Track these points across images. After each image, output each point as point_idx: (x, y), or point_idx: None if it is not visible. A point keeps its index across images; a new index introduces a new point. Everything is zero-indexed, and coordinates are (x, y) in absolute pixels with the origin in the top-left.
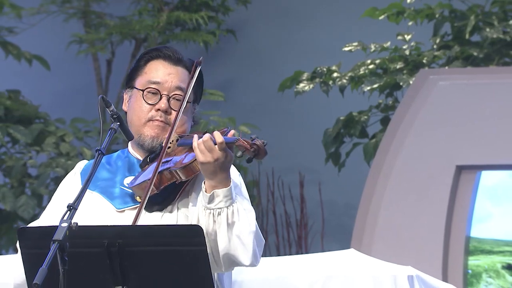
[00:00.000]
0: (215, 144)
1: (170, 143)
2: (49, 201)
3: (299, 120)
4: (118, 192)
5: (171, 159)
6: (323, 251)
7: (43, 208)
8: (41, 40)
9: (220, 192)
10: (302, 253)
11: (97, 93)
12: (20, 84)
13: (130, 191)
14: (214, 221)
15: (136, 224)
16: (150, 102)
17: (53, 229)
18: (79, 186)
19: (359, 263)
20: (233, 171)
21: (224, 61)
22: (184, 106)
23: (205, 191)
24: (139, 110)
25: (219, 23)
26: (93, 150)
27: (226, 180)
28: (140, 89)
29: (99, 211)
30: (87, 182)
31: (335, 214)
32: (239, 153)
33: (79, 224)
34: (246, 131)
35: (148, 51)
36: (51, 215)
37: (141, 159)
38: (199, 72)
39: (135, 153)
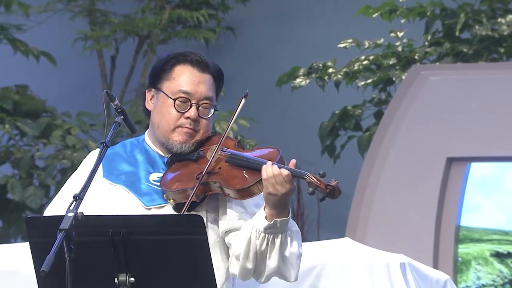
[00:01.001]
0: (283, 178)
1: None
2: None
3: (296, 114)
4: (146, 189)
5: (216, 172)
6: (319, 239)
7: (50, 199)
8: (48, 37)
9: (280, 222)
10: None
11: (102, 88)
12: (28, 79)
13: (157, 188)
14: (267, 244)
15: None
16: (180, 110)
17: (59, 218)
18: (100, 176)
19: (354, 251)
20: None
21: (224, 57)
22: (212, 113)
23: (266, 218)
24: (169, 116)
25: (219, 20)
26: (98, 143)
27: (286, 210)
28: (171, 97)
29: (127, 206)
30: (93, 173)
31: (330, 205)
32: (310, 190)
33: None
34: (245, 124)
35: (175, 55)
36: (66, 200)
37: (163, 155)
38: (221, 73)
39: (155, 148)
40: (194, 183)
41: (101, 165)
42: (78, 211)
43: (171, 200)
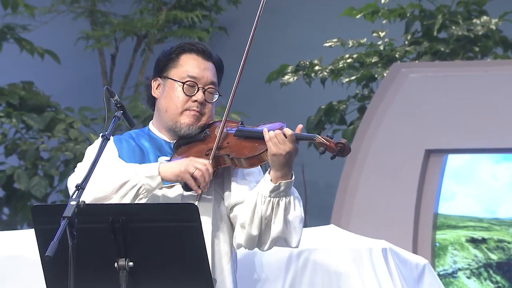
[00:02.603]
0: (286, 137)
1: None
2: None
3: (284, 109)
4: None
5: (225, 146)
6: (306, 226)
7: (54, 188)
8: (52, 36)
9: (284, 184)
10: None
11: (102, 84)
12: (33, 76)
13: None
14: (272, 209)
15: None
16: (188, 94)
17: (63, 206)
18: (116, 156)
19: (339, 237)
20: None
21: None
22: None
23: (271, 181)
24: (177, 99)
25: (212, 21)
26: (99, 136)
27: (290, 173)
28: (179, 81)
29: None
30: (94, 164)
31: (316, 193)
32: (321, 149)
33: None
34: (236, 118)
35: (181, 44)
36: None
37: (169, 140)
38: (222, 64)
39: (161, 135)
40: (205, 159)
41: (115, 147)
42: (80, 199)
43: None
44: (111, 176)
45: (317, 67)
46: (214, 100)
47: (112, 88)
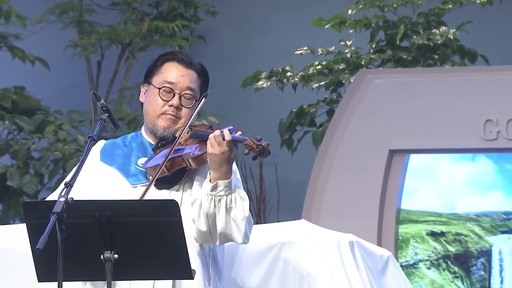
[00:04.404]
0: (224, 140)
1: (181, 138)
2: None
3: (259, 112)
4: (134, 171)
5: (183, 148)
6: (278, 221)
7: (45, 185)
8: (42, 44)
9: (222, 183)
10: (261, 223)
11: (89, 89)
12: (25, 81)
13: (144, 170)
14: (215, 206)
15: (143, 198)
16: (164, 99)
17: (52, 203)
18: (97, 160)
19: (309, 231)
20: None
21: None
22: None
23: (210, 181)
24: (155, 104)
25: (191, 30)
26: (86, 137)
27: (228, 173)
28: (157, 87)
29: (116, 185)
30: (81, 163)
31: (289, 191)
32: (246, 151)
33: (88, 196)
34: (214, 120)
35: (164, 54)
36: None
37: (153, 142)
38: (205, 72)
39: (147, 138)
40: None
41: (99, 152)
42: (69, 196)
43: (150, 177)
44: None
45: (289, 73)
46: (190, 106)
47: (98, 92)
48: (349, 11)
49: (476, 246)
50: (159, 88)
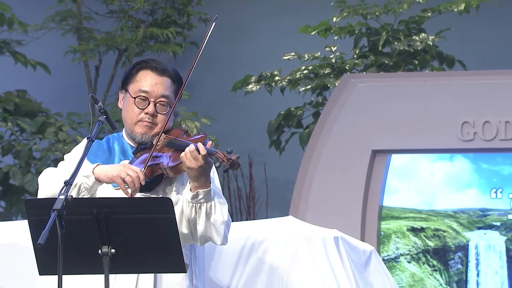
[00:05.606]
0: (200, 154)
1: (158, 143)
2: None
3: (248, 114)
4: None
5: (160, 155)
6: (267, 218)
7: None
8: (43, 50)
9: (202, 192)
10: (250, 220)
11: (88, 93)
12: (26, 85)
13: None
14: (196, 212)
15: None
16: (140, 107)
17: (53, 200)
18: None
19: (296, 227)
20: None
21: (189, 67)
22: (170, 113)
23: (190, 190)
24: (132, 112)
25: (184, 37)
26: (85, 138)
27: (206, 183)
28: (132, 96)
29: (100, 187)
30: (80, 162)
31: (277, 188)
32: (217, 164)
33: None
34: (206, 122)
35: (139, 62)
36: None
37: (133, 145)
38: (179, 77)
39: (128, 141)
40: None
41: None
42: (68, 194)
43: None
44: (59, 176)
45: (277, 77)
46: (165, 112)
47: (96, 95)
48: (334, 19)
49: (454, 241)
50: (135, 98)
